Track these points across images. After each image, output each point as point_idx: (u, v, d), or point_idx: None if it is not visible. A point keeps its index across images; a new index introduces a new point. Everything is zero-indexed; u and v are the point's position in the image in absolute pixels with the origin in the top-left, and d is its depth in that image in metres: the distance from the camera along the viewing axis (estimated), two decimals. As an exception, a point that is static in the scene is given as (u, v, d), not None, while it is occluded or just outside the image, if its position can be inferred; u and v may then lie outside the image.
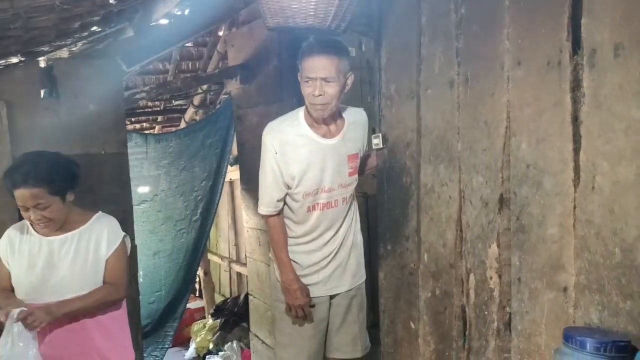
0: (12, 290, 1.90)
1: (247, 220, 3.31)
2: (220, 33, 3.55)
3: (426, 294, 1.85)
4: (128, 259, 2.06)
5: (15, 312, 1.69)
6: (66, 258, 1.89)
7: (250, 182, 3.07)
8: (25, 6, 1.77)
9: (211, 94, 4.07)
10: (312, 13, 1.59)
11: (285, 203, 1.96)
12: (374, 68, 2.07)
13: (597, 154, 1.31)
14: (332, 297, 2.03)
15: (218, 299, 4.65)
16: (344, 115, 1.94)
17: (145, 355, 3.26)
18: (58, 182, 1.85)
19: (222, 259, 4.66)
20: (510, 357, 1.54)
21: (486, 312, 1.62)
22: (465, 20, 1.65)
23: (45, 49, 2.52)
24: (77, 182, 1.95)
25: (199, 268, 4.67)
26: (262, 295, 3.20)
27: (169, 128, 4.49)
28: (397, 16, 1.92)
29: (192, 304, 4.50)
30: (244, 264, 3.92)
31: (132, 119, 4.33)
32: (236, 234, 4.57)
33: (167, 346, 3.43)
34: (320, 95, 1.78)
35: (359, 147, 1.98)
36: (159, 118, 4.49)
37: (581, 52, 1.34)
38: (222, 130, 3.35)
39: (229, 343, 3.73)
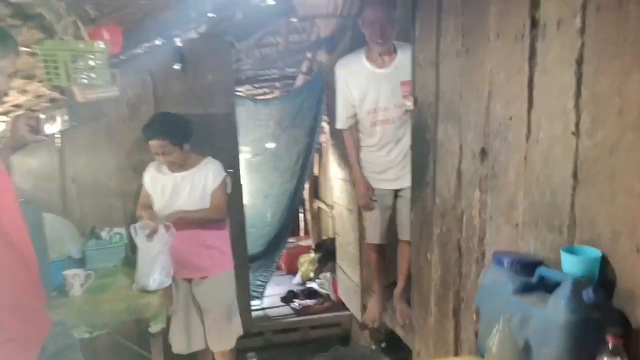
0: (151, 207, 2.79)
1: (335, 172, 3.87)
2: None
3: (437, 230, 2.23)
4: (227, 192, 2.81)
5: (164, 224, 2.53)
6: (185, 188, 2.72)
7: (337, 139, 3.60)
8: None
9: (316, 62, 4.61)
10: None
11: (356, 120, 2.65)
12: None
13: (541, 113, 1.57)
14: (397, 192, 2.70)
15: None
16: (397, 49, 2.53)
17: (256, 274, 4.09)
18: (177, 136, 2.64)
19: (327, 206, 5.33)
20: (481, 279, 1.89)
21: (471, 245, 1.97)
22: (467, -3, 1.93)
23: (178, 32, 3.33)
24: (191, 136, 2.74)
25: (308, 212, 5.42)
26: (345, 234, 3.77)
27: (285, 93, 5.18)
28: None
29: (303, 242, 5.31)
30: (344, 210, 4.49)
31: (255, 85, 5.11)
32: (340, 184, 5.19)
33: (273, 269, 4.22)
34: (381, 34, 2.42)
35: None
36: (277, 84, 5.21)
37: (537, 26, 1.58)
38: (315, 95, 3.89)
39: (324, 273, 4.43)
